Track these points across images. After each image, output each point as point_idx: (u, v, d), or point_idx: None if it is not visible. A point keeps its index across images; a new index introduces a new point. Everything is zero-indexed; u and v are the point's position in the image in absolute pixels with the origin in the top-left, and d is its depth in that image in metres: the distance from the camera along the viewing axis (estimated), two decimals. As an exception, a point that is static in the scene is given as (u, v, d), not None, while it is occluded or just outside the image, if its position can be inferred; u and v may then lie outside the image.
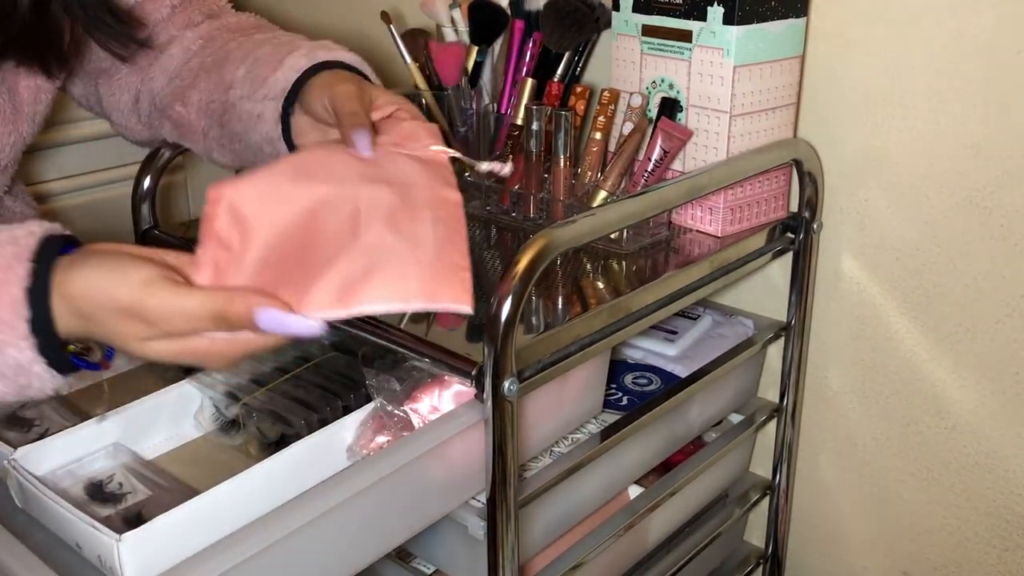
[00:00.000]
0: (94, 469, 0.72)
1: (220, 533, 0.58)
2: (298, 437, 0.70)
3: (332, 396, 0.78)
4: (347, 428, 0.72)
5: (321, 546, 0.61)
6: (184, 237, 0.94)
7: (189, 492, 0.67)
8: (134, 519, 0.64)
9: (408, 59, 1.06)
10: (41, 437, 0.72)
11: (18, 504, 0.66)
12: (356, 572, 0.65)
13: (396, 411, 0.72)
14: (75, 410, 0.79)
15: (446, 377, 0.72)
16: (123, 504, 0.69)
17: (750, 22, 0.85)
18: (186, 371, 0.83)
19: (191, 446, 0.79)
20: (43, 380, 0.57)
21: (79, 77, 0.92)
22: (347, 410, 0.74)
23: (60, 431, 0.72)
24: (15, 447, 0.68)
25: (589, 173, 0.91)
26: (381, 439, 0.71)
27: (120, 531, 0.58)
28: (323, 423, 0.72)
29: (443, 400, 0.71)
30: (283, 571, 0.60)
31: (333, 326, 0.57)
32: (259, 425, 0.76)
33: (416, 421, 0.71)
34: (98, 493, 0.70)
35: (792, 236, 0.95)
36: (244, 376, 0.81)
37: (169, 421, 0.79)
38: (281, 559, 0.59)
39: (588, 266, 0.85)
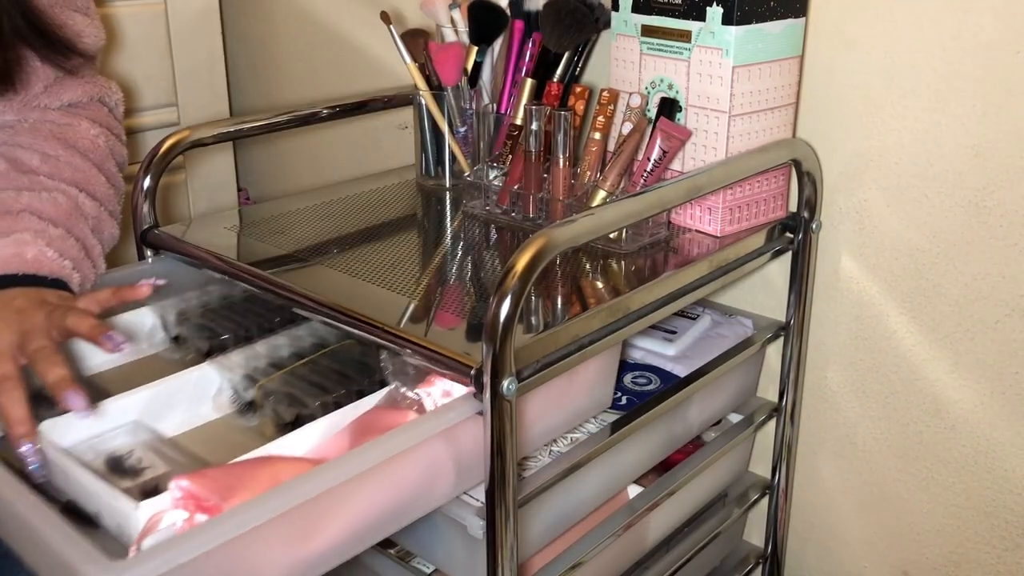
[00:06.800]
0: (115, 445, 0.74)
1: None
2: (312, 418, 0.72)
3: (347, 380, 0.79)
4: (360, 410, 0.73)
5: (315, 526, 0.61)
6: (183, 239, 0.94)
7: (205, 468, 0.68)
8: (152, 492, 0.66)
9: (408, 59, 1.06)
10: (63, 413, 0.73)
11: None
12: (348, 558, 0.66)
13: (410, 394, 0.72)
14: (97, 389, 0.81)
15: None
16: (142, 478, 0.71)
17: (749, 22, 0.85)
18: (206, 354, 0.85)
19: (208, 427, 0.80)
20: None
21: None
22: (361, 395, 0.75)
23: None
24: (40, 420, 0.70)
25: (588, 173, 0.92)
26: None
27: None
28: (338, 406, 0.73)
29: (455, 384, 0.71)
30: (287, 543, 0.60)
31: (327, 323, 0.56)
32: (275, 407, 0.77)
33: (429, 404, 0.71)
34: (118, 467, 0.72)
35: (791, 236, 0.95)
36: (262, 360, 0.83)
37: (188, 403, 0.80)
38: (288, 530, 0.59)
39: (587, 266, 0.85)
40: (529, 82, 1.00)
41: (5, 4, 0.80)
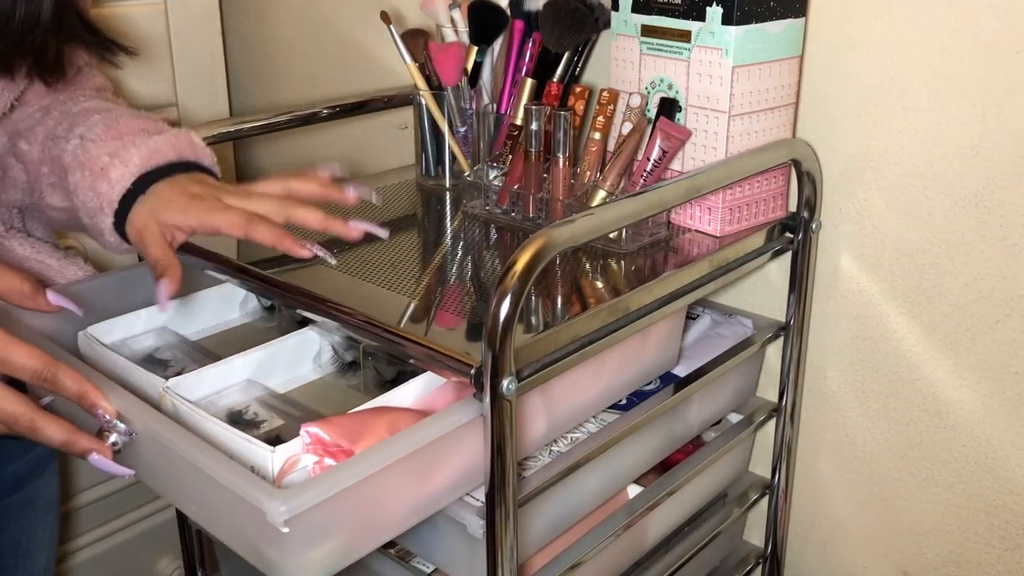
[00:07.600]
0: (231, 401, 0.79)
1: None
2: (415, 374, 0.74)
3: None
4: None
5: (431, 468, 0.66)
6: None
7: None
8: (273, 441, 0.69)
9: (408, 59, 1.06)
10: (177, 374, 0.78)
11: None
12: (452, 500, 0.70)
13: None
14: (205, 353, 0.87)
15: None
16: (260, 430, 0.75)
17: (749, 22, 0.85)
18: (301, 322, 0.88)
19: (311, 386, 0.85)
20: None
21: None
22: None
23: (194, 369, 0.78)
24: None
25: (588, 173, 0.92)
26: None
27: None
28: None
29: None
30: (410, 482, 0.66)
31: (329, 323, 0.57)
32: (376, 365, 0.81)
33: None
34: (238, 420, 0.76)
35: (791, 236, 0.95)
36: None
37: (290, 364, 0.84)
38: (411, 470, 0.65)
39: (587, 266, 0.86)
40: (529, 82, 1.00)
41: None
